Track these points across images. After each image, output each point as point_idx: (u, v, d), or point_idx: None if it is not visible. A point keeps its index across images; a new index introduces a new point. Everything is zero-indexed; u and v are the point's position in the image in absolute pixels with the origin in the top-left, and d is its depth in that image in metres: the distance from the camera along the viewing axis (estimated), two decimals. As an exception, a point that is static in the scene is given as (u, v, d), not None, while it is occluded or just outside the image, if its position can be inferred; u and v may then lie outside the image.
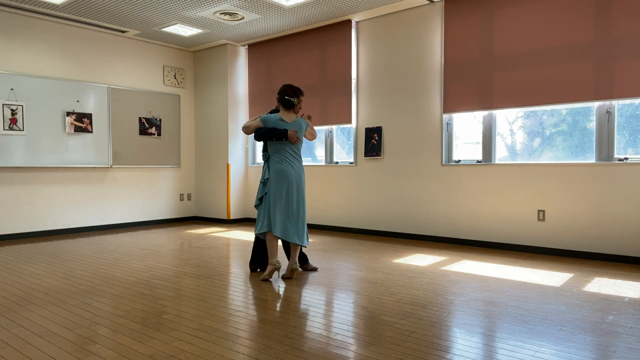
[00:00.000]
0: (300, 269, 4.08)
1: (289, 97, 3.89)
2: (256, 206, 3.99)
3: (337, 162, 6.91)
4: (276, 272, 4.13)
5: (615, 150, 4.69)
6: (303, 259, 4.30)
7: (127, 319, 2.91)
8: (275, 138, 3.84)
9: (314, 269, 4.27)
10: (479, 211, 5.48)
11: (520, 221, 5.19)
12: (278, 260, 3.88)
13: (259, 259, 4.22)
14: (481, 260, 4.68)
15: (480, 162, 5.54)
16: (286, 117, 3.91)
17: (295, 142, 3.88)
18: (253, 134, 4.11)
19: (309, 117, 4.16)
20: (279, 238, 3.87)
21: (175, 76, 7.94)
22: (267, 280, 3.89)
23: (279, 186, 3.86)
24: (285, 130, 3.83)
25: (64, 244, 5.77)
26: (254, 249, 4.23)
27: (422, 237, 5.96)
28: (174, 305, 3.20)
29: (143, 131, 7.40)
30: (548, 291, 3.53)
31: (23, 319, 2.94)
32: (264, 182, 3.94)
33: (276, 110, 4.07)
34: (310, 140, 4.15)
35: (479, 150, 5.58)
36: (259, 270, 4.26)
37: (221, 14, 6.17)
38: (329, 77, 6.77)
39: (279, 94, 3.92)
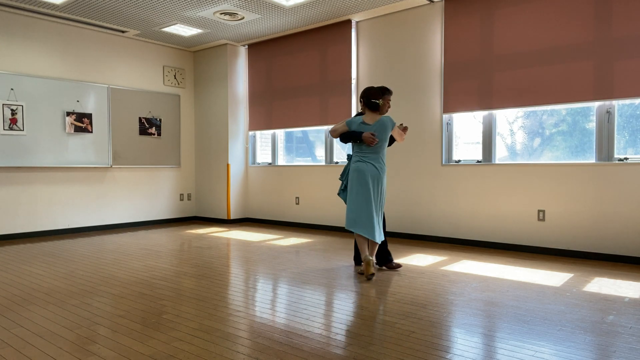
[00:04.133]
0: (375, 263, 4.14)
1: (374, 99, 4.01)
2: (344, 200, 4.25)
3: (337, 162, 6.91)
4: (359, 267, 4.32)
5: (615, 150, 4.69)
6: (383, 256, 4.31)
7: (127, 319, 2.91)
8: (352, 140, 4.03)
9: (398, 266, 4.32)
10: (479, 211, 5.48)
11: (520, 221, 5.19)
12: (367, 255, 3.98)
13: (357, 254, 4.45)
14: (481, 260, 4.68)
15: (480, 162, 5.54)
16: (369, 119, 4.04)
17: (370, 144, 3.94)
18: (339, 138, 4.23)
19: (405, 128, 4.19)
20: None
21: (175, 76, 7.94)
22: (362, 274, 4.07)
23: (355, 184, 4.01)
24: (361, 133, 3.97)
25: (64, 244, 5.77)
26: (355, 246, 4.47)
27: (422, 237, 5.96)
28: (174, 305, 3.20)
29: (143, 131, 7.40)
30: (548, 291, 3.53)
31: (23, 319, 2.94)
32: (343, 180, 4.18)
33: (361, 113, 4.21)
34: (399, 141, 4.32)
35: (479, 150, 5.58)
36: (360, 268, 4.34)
37: (221, 14, 6.17)
38: (329, 77, 6.76)
39: (363, 97, 4.04)
